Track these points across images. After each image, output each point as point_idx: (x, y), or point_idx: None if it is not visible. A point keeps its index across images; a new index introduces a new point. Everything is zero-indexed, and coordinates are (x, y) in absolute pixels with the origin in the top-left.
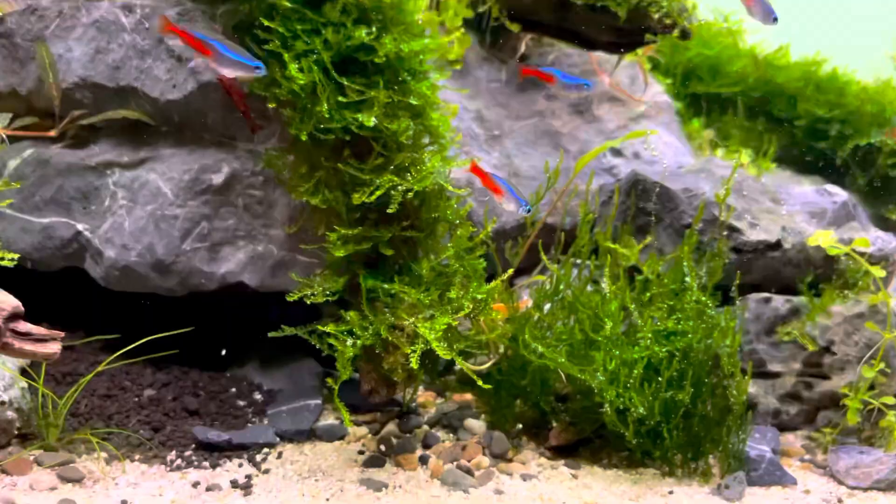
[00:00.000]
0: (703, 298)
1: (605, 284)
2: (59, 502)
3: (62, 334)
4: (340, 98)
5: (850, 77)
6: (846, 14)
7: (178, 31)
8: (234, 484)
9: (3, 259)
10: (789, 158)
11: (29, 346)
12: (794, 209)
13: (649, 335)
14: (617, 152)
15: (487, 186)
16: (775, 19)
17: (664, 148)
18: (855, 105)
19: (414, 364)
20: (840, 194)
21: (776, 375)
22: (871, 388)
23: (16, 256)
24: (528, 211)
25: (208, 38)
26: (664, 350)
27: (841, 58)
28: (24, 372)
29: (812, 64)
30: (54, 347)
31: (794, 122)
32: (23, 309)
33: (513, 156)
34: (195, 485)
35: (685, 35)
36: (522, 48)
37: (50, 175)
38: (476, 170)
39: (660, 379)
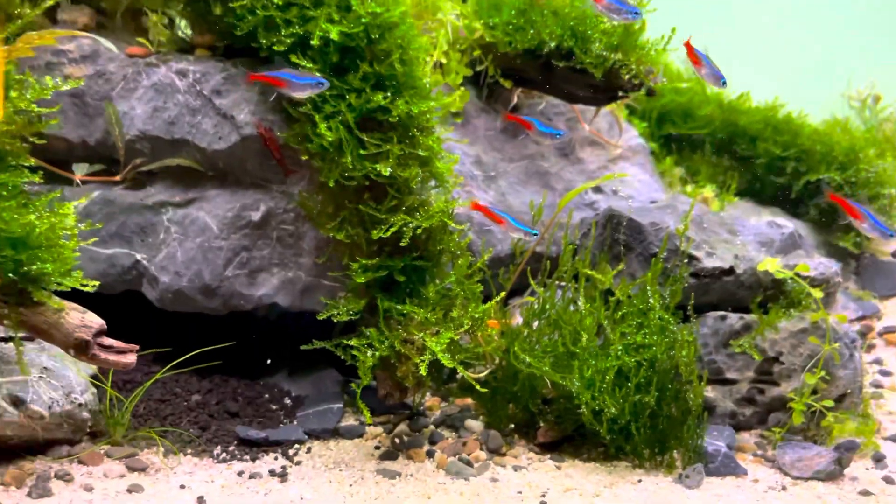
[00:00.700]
0: (666, 316)
1: (581, 304)
2: (128, 486)
3: (137, 347)
4: (361, 151)
5: (803, 120)
6: (807, 59)
7: (258, 76)
8: (272, 473)
9: (85, 286)
10: (751, 192)
11: (112, 357)
12: (747, 239)
13: (620, 347)
14: (597, 189)
15: (492, 219)
16: (724, 83)
17: (639, 185)
18: (808, 145)
19: (423, 372)
20: (787, 226)
21: (733, 382)
22: (814, 392)
23: (96, 283)
24: (536, 234)
25: (279, 73)
26: (633, 360)
27: (800, 100)
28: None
29: (770, 109)
30: (131, 358)
31: (755, 160)
32: (106, 326)
33: (507, 194)
34: (240, 473)
35: (650, 93)
36: (515, 100)
37: (114, 213)
38: (479, 206)
39: (629, 384)
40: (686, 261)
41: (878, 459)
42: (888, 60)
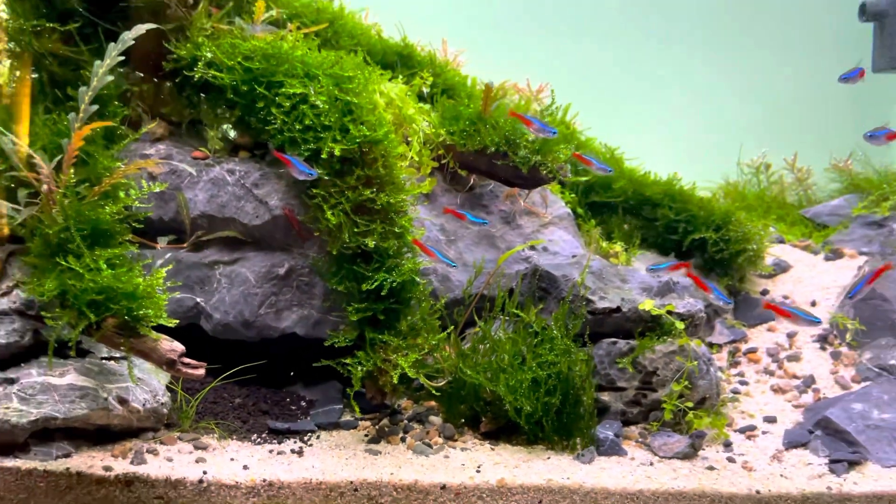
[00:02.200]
0: (568, 342)
1: (502, 334)
2: (196, 458)
3: (205, 364)
4: (355, 229)
5: (692, 191)
6: (713, 137)
7: (283, 158)
8: (293, 451)
9: (170, 323)
10: (655, 245)
11: (189, 371)
12: (633, 286)
13: (534, 364)
14: (532, 248)
15: (425, 252)
16: (555, 133)
17: (563, 244)
18: (695, 210)
19: (395, 381)
20: (664, 276)
21: (623, 389)
22: (681, 397)
23: (176, 322)
24: (455, 265)
25: (292, 158)
26: (544, 373)
27: (708, 170)
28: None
29: (668, 183)
30: (201, 371)
31: (657, 221)
32: (185, 349)
33: (464, 252)
34: (270, 451)
35: (562, 183)
36: (471, 182)
37: (181, 269)
38: (416, 242)
39: (541, 390)
40: (585, 303)
41: (727, 445)
42: (775, 136)
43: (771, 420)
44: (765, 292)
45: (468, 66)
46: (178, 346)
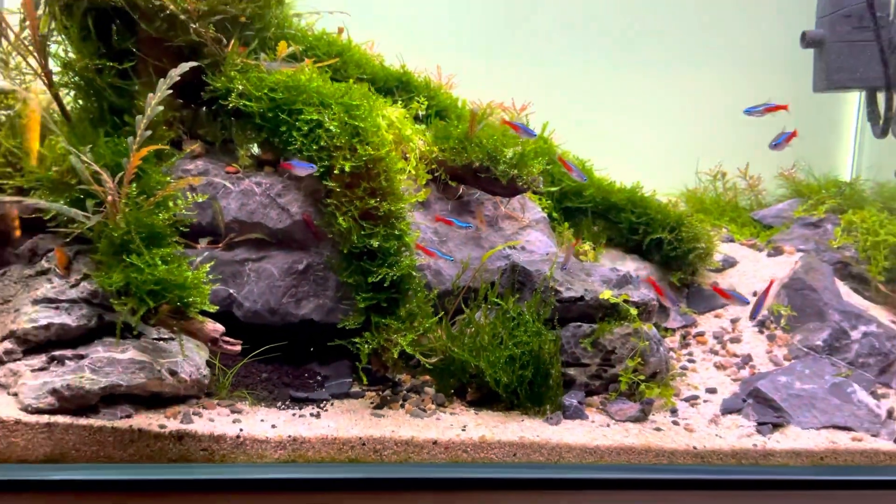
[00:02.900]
0: (539, 326)
1: (483, 319)
2: (232, 420)
3: (240, 342)
4: (362, 232)
5: (652, 198)
6: (676, 148)
7: (287, 165)
8: (312, 415)
9: (212, 309)
10: (620, 245)
11: (228, 347)
12: (595, 279)
13: (511, 343)
14: (512, 247)
15: (426, 253)
16: (535, 135)
17: (539, 244)
18: (653, 214)
19: (395, 356)
20: (622, 270)
21: (586, 365)
22: (635, 371)
23: (216, 308)
24: (451, 259)
25: (292, 161)
26: (518, 351)
27: (659, 179)
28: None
29: (633, 190)
30: (238, 348)
31: (621, 224)
32: (224, 330)
33: (453, 251)
34: (293, 415)
35: (536, 192)
36: (460, 191)
37: (217, 265)
38: (419, 246)
39: (516, 365)
40: (553, 293)
41: (673, 411)
42: (729, 147)
43: (712, 391)
44: (714, 284)
45: (460, 86)
46: (220, 327)
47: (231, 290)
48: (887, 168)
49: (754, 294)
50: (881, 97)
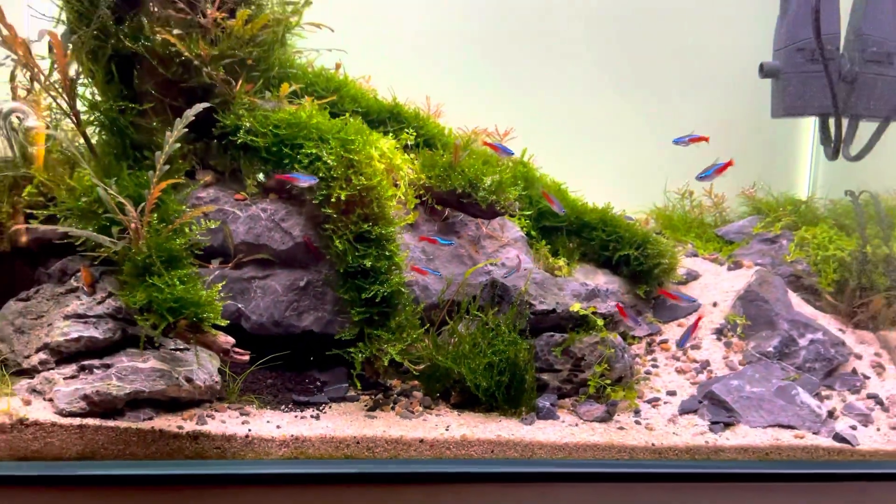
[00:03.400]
0: (515, 336)
1: (464, 330)
2: (241, 421)
3: (249, 352)
4: (356, 253)
5: (621, 217)
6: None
7: (284, 176)
8: (312, 416)
9: (223, 323)
10: (592, 260)
11: (238, 357)
12: (567, 293)
13: (489, 352)
14: (493, 264)
15: (420, 273)
16: (512, 153)
17: (517, 260)
18: (622, 232)
19: (386, 364)
20: (590, 284)
21: (558, 371)
22: (602, 376)
23: (226, 322)
24: (439, 275)
25: (292, 174)
26: (496, 358)
27: (630, 199)
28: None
29: (604, 210)
30: (246, 357)
31: (593, 241)
32: (235, 341)
33: (439, 268)
34: (295, 416)
35: (512, 215)
36: (446, 214)
37: (227, 282)
38: (414, 268)
39: (494, 371)
40: (528, 306)
41: (636, 412)
42: (696, 168)
43: (672, 393)
44: (663, 287)
45: (448, 113)
46: (231, 339)
47: (239, 305)
48: (839, 187)
49: (714, 304)
50: (832, 123)
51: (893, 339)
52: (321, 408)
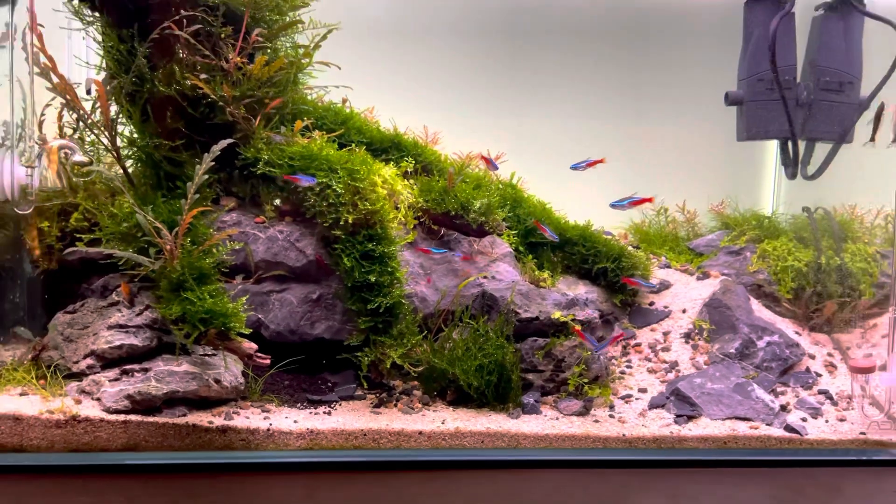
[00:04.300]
0: (502, 341)
1: (457, 336)
2: (263, 417)
3: (269, 357)
4: (362, 270)
5: (599, 233)
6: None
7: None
8: (324, 412)
9: (246, 331)
10: (574, 272)
11: (260, 361)
12: (549, 303)
13: (479, 355)
14: (484, 277)
15: (426, 252)
16: (497, 168)
17: (506, 274)
18: (599, 247)
19: (388, 367)
20: (570, 294)
21: (542, 371)
22: (580, 375)
23: (249, 331)
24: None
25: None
26: (486, 361)
27: (609, 215)
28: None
29: (584, 227)
30: (267, 361)
31: (574, 255)
32: (257, 347)
33: (436, 281)
34: (310, 413)
35: (499, 234)
36: (441, 233)
37: (249, 296)
38: (422, 249)
39: (484, 371)
40: (514, 314)
41: (611, 407)
42: (670, 186)
43: (643, 391)
44: (652, 303)
45: (444, 139)
46: (253, 346)
47: (259, 316)
48: (799, 203)
49: (683, 311)
50: (791, 145)
51: (845, 340)
52: (332, 405)
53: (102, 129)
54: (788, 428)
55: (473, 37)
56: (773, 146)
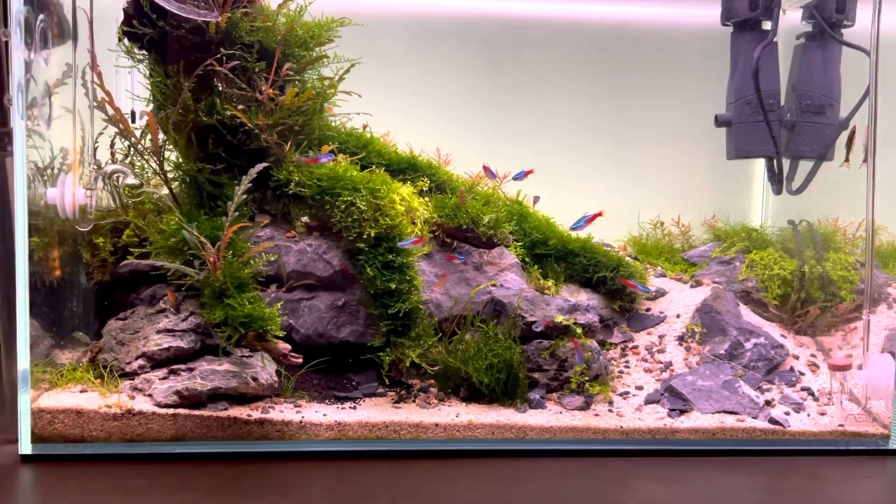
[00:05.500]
0: (510, 342)
1: (470, 337)
2: (296, 412)
3: (301, 357)
4: (383, 278)
5: (599, 245)
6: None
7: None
8: (350, 407)
9: (281, 334)
10: (576, 281)
11: (293, 360)
12: (552, 307)
13: (489, 355)
14: (493, 285)
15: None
16: (493, 175)
17: (513, 282)
18: (599, 257)
19: (407, 365)
20: (571, 300)
21: (546, 370)
22: (581, 374)
23: (283, 333)
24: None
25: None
26: (496, 360)
27: (611, 229)
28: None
29: (586, 240)
30: (299, 361)
31: (576, 265)
32: (291, 348)
33: (450, 289)
34: (337, 407)
35: (506, 245)
36: (454, 245)
37: (283, 303)
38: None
39: (494, 370)
40: (521, 318)
41: (610, 403)
42: (667, 201)
43: (640, 388)
44: (648, 309)
45: (456, 159)
46: (287, 346)
47: (291, 321)
48: (785, 216)
49: (677, 316)
50: (776, 163)
51: (827, 342)
52: (357, 401)
53: (151, 154)
54: (772, 421)
55: (481, 66)
56: (760, 164)
